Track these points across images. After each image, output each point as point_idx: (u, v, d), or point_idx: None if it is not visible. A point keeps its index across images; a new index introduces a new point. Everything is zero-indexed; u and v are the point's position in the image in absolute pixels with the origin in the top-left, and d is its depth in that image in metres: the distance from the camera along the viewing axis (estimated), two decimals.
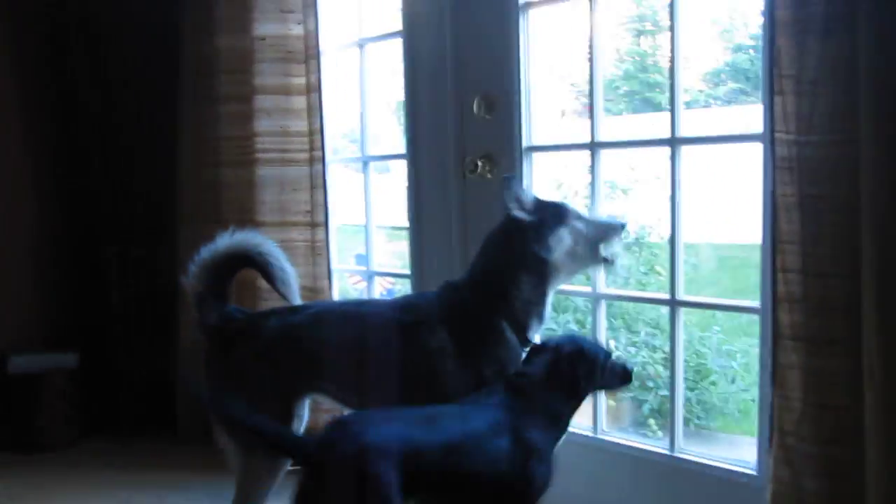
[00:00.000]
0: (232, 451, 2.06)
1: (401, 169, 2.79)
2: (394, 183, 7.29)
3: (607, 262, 2.07)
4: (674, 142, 2.13)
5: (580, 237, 2.02)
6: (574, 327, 4.39)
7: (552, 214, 2.02)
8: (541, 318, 2.06)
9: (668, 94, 2.16)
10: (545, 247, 2.00)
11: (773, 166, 1.78)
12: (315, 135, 2.85)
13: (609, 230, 2.06)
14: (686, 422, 2.25)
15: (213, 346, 2.13)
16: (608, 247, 2.05)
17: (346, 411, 2.08)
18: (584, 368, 1.82)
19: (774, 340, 1.82)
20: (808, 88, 1.70)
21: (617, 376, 1.86)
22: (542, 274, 2.02)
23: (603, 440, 2.35)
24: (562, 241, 2.00)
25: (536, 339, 2.06)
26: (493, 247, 2.07)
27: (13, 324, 3.45)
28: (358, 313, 2.14)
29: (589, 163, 2.37)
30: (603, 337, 2.40)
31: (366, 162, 2.98)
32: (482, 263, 2.07)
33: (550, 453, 1.81)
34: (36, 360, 3.33)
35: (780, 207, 1.78)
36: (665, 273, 4.37)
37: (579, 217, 2.04)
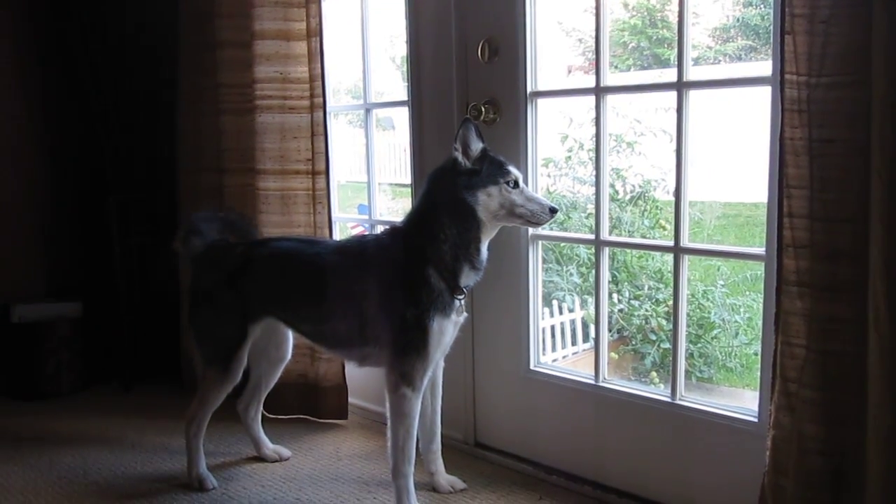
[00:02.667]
0: (197, 358, 2.47)
1: (403, 122, 2.73)
2: (397, 141, 7.27)
3: (531, 223, 2.17)
4: (681, 86, 2.08)
5: (507, 203, 2.12)
6: (577, 280, 4.39)
7: (491, 170, 2.12)
8: (473, 265, 2.16)
9: (675, 50, 2.11)
10: (472, 196, 2.10)
11: (782, 109, 1.73)
12: (315, 81, 2.80)
13: (538, 209, 2.14)
14: (688, 375, 2.24)
15: (195, 269, 2.47)
16: (533, 222, 2.16)
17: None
18: None
19: (779, 286, 1.79)
20: (820, 28, 1.65)
21: None
22: (469, 221, 2.12)
23: (604, 387, 2.35)
24: (489, 199, 2.11)
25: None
26: (429, 186, 2.19)
27: (18, 273, 3.47)
28: (303, 254, 2.35)
29: (593, 113, 2.32)
30: (605, 288, 2.39)
31: (368, 109, 2.94)
32: (418, 204, 2.22)
33: None
34: (40, 310, 3.35)
35: (788, 152, 1.74)
36: (669, 227, 4.36)
37: (516, 184, 2.13)
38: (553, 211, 2.16)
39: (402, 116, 2.72)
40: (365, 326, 2.22)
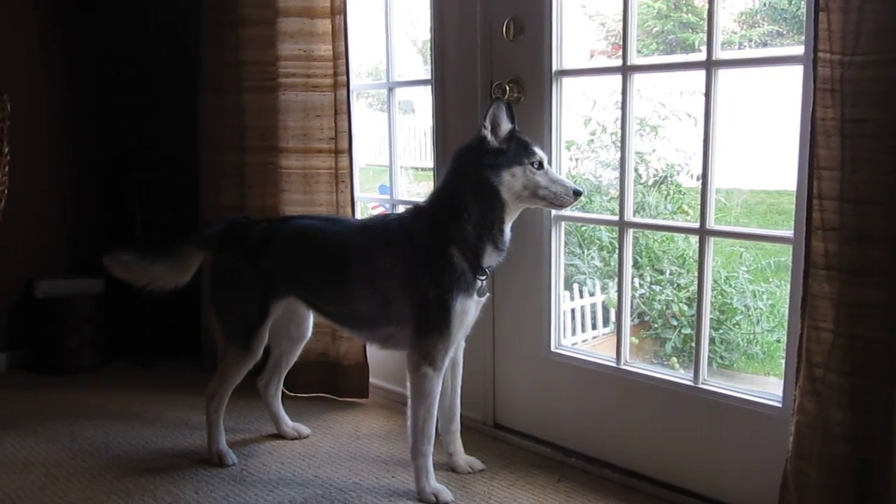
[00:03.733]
0: (218, 335, 2.47)
1: (424, 105, 2.70)
2: (418, 125, 7.26)
3: (554, 205, 2.16)
4: (710, 65, 2.05)
5: (531, 184, 2.11)
6: (598, 264, 4.36)
7: (517, 151, 2.11)
8: (497, 245, 2.15)
9: (700, 35, 2.07)
10: (497, 175, 2.09)
11: (815, 88, 1.70)
12: (339, 59, 2.78)
13: (562, 191, 2.12)
14: (709, 361, 2.21)
15: (217, 248, 2.43)
16: (556, 204, 2.15)
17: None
18: None
19: (806, 270, 1.76)
20: (855, 5, 1.61)
21: None
22: (493, 200, 2.11)
23: (626, 370, 2.33)
24: (514, 179, 2.10)
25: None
26: (454, 165, 2.17)
27: (40, 249, 3.49)
28: (326, 232, 2.34)
29: (617, 96, 2.28)
30: (629, 270, 2.37)
31: (391, 88, 2.92)
32: (442, 183, 2.20)
33: None
34: (62, 285, 3.37)
35: (820, 132, 1.70)
36: (692, 212, 4.32)
37: (541, 166, 2.12)
38: (577, 194, 2.14)
39: (423, 100, 2.70)
40: (387, 306, 2.21)
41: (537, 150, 2.13)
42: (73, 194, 3.57)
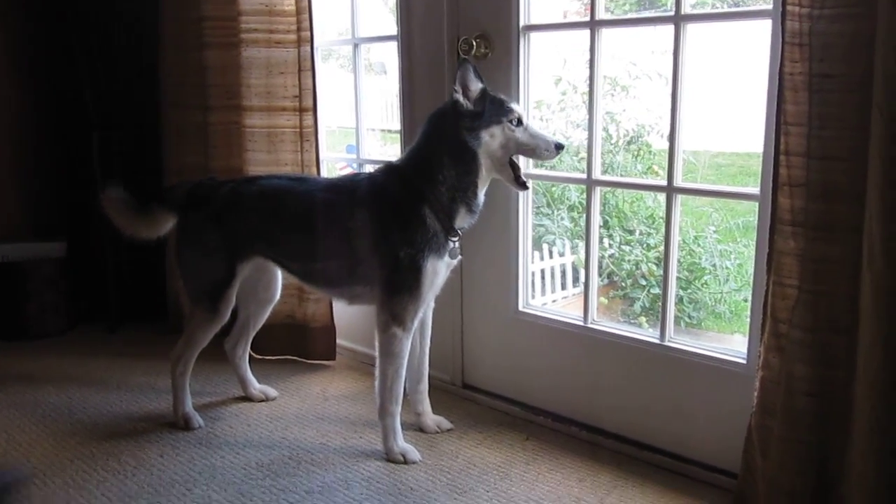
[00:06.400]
0: (185, 298, 2.45)
1: (396, 66, 2.64)
2: (389, 87, 7.14)
3: (522, 185, 2.15)
4: (678, 19, 2.01)
5: (510, 142, 2.09)
6: (567, 224, 4.35)
7: (493, 110, 2.08)
8: (470, 207, 2.14)
9: None
10: (475, 138, 2.07)
11: (783, 43, 1.68)
12: (303, 14, 2.71)
13: (543, 146, 2.10)
14: (677, 320, 2.22)
15: (182, 209, 2.38)
16: (537, 159, 2.16)
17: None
18: None
19: (772, 226, 1.76)
20: None
21: None
22: (469, 164, 2.09)
23: (592, 329, 2.34)
24: (492, 139, 2.08)
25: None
26: (430, 127, 2.14)
27: (0, 212, 3.39)
28: (293, 191, 2.30)
29: (588, 54, 2.24)
30: (596, 229, 2.36)
31: (356, 45, 2.85)
32: (417, 144, 2.17)
33: None
34: (22, 249, 3.29)
35: (788, 87, 1.69)
36: (663, 173, 4.31)
37: (520, 122, 2.10)
38: (559, 147, 2.12)
39: (396, 61, 2.64)
40: (356, 265, 2.19)
41: (514, 106, 2.10)
42: (32, 157, 3.48)
